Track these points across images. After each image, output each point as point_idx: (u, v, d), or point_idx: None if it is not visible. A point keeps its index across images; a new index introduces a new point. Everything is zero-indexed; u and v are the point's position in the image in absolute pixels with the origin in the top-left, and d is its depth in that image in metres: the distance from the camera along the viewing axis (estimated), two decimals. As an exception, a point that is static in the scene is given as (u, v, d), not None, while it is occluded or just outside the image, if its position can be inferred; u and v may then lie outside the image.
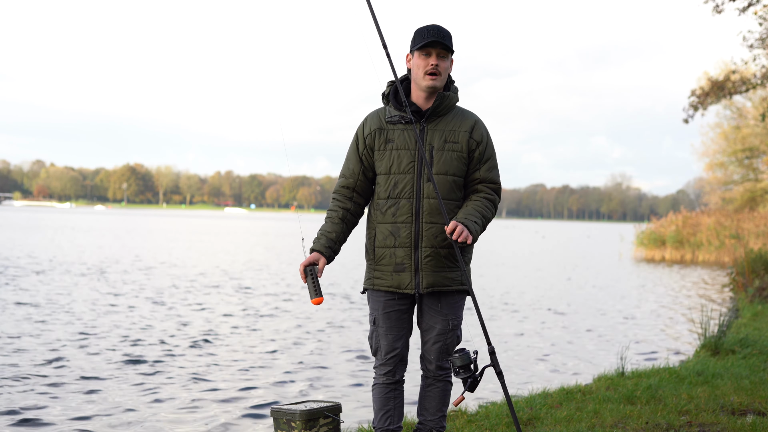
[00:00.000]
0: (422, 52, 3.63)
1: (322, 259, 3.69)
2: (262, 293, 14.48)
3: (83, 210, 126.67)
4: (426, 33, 3.62)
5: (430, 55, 3.62)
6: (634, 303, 14.67)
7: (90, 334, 9.15)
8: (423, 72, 3.63)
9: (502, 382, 3.50)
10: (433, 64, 3.61)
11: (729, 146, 41.40)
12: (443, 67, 3.64)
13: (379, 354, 3.82)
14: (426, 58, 3.63)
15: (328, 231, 3.74)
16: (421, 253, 3.67)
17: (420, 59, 3.64)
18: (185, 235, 41.97)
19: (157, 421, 5.63)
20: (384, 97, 3.78)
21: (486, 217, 3.70)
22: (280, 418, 4.09)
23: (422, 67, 3.63)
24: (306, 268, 3.64)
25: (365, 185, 3.80)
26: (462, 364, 3.51)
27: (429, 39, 3.59)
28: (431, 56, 3.62)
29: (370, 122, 3.77)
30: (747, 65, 20.01)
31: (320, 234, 3.74)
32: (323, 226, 3.75)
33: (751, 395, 5.62)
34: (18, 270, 17.07)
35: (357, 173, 3.77)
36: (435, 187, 3.60)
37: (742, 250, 15.66)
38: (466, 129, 3.71)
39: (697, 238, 29.14)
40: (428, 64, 3.62)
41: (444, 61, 3.64)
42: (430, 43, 3.59)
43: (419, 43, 3.61)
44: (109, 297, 12.91)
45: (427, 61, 3.62)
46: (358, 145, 3.77)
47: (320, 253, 3.70)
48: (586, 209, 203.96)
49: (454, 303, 3.78)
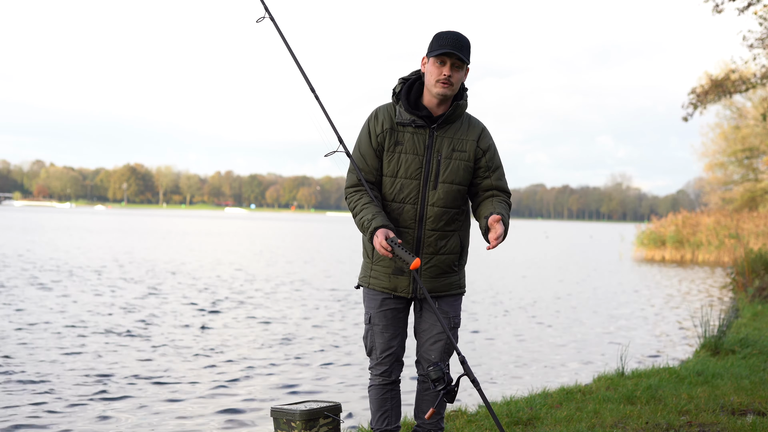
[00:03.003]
0: (437, 60, 3.54)
1: (389, 231, 3.51)
2: (263, 293, 14.48)
3: (83, 210, 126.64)
4: (443, 41, 3.52)
5: (445, 64, 3.53)
6: (634, 303, 14.67)
7: (89, 334, 9.16)
8: (435, 80, 3.55)
9: (479, 389, 3.48)
10: (446, 75, 3.53)
11: (729, 146, 41.43)
12: (456, 78, 3.55)
13: (374, 353, 3.79)
14: (440, 67, 3.54)
15: (378, 209, 3.58)
16: (421, 259, 3.65)
17: (434, 66, 3.56)
18: (196, 236, 41.95)
19: (156, 421, 5.64)
20: (395, 95, 3.69)
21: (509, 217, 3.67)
22: (280, 418, 4.09)
23: (435, 75, 3.55)
24: (388, 241, 3.47)
25: (380, 182, 3.70)
26: (436, 376, 3.50)
27: (445, 49, 3.50)
28: (445, 65, 3.53)
29: (382, 119, 3.66)
30: (747, 65, 20.03)
31: (373, 214, 3.55)
32: (368, 209, 3.57)
33: (751, 395, 5.62)
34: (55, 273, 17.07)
35: (376, 167, 3.67)
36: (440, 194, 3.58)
37: (742, 250, 15.66)
38: (473, 138, 3.67)
39: (697, 238, 29.14)
40: (441, 74, 3.54)
41: (458, 72, 3.56)
42: (445, 53, 3.52)
43: (435, 50, 3.52)
44: (109, 293, 12.91)
45: (441, 70, 3.54)
46: (371, 139, 3.66)
47: (385, 227, 3.52)
48: (586, 209, 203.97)
49: (453, 302, 3.78)
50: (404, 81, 3.69)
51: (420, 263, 3.45)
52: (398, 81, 3.70)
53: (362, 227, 3.60)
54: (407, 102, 3.63)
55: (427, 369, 3.56)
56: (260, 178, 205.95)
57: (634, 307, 13.92)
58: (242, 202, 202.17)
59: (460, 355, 3.55)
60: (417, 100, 3.65)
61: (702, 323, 8.27)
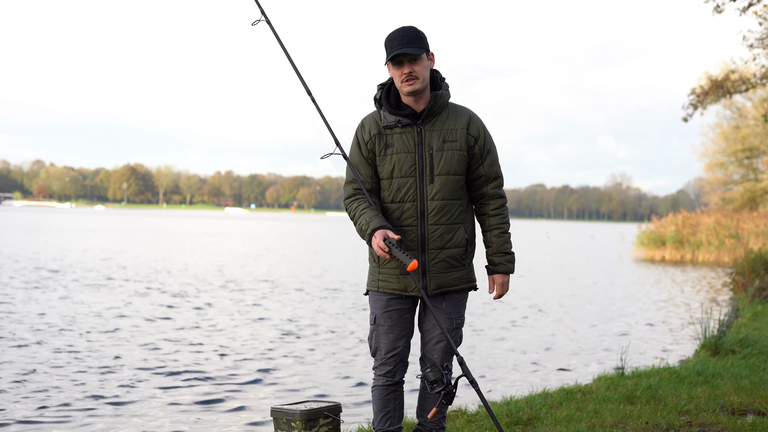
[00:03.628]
0: (394, 62, 3.64)
1: (388, 231, 3.55)
2: (263, 293, 14.49)
3: (83, 210, 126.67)
4: (392, 43, 3.61)
5: (402, 64, 3.62)
6: (634, 303, 14.67)
7: (83, 333, 9.17)
8: (399, 81, 3.64)
9: (477, 389, 3.50)
10: (406, 73, 3.61)
11: (729, 146, 41.41)
12: (418, 71, 3.62)
13: (379, 354, 3.80)
14: (399, 68, 3.63)
15: (375, 212, 3.62)
16: (428, 255, 3.68)
17: (394, 70, 3.66)
18: (197, 236, 41.95)
19: (155, 421, 5.64)
20: (376, 101, 3.77)
21: (507, 234, 3.83)
22: (280, 418, 4.09)
23: (398, 76, 3.64)
24: (385, 242, 3.50)
25: (378, 187, 3.75)
26: (435, 378, 3.52)
27: (394, 51, 3.58)
28: (403, 65, 3.62)
29: (369, 126, 3.74)
30: (747, 65, 20.03)
31: (370, 217, 3.60)
32: (366, 213, 3.62)
33: (751, 395, 5.62)
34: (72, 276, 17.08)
35: (371, 176, 3.73)
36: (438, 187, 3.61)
37: (742, 250, 15.66)
38: (462, 126, 3.71)
39: (697, 238, 29.13)
40: (402, 74, 3.62)
41: (418, 64, 3.62)
42: (395, 54, 3.59)
43: (388, 55, 3.63)
44: (107, 291, 12.92)
45: (401, 71, 3.62)
46: (361, 149, 3.74)
47: (383, 227, 3.56)
48: (586, 209, 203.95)
49: (458, 301, 3.79)
50: (382, 86, 3.77)
51: (417, 265, 3.46)
52: (377, 87, 3.78)
53: (361, 232, 3.64)
54: (389, 104, 3.71)
55: (425, 371, 3.57)
56: (260, 178, 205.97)
57: (634, 307, 13.92)
58: (242, 202, 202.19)
59: (458, 356, 3.56)
60: (398, 101, 3.72)
61: (702, 323, 8.27)
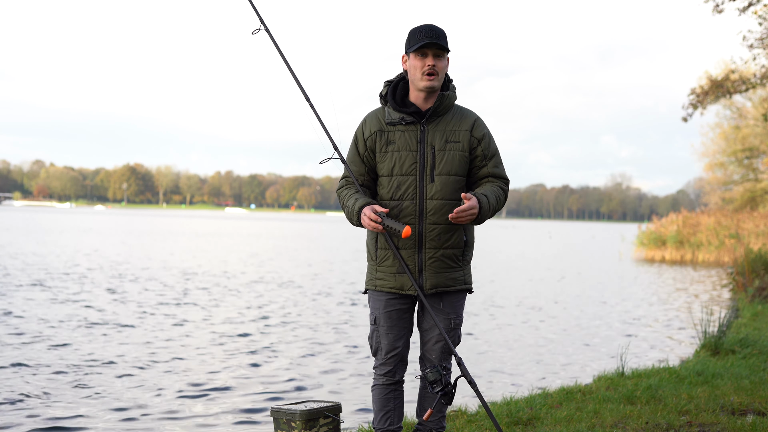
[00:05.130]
0: (418, 54, 3.63)
1: (375, 206, 3.58)
2: (263, 292, 14.49)
3: (83, 210, 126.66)
4: (421, 34, 3.62)
5: (426, 56, 3.62)
6: (634, 303, 14.67)
7: (83, 327, 9.17)
8: (420, 73, 3.63)
9: (476, 389, 3.51)
10: (430, 65, 3.61)
11: (729, 146, 41.40)
12: (440, 67, 3.64)
13: (380, 354, 3.81)
14: (422, 59, 3.62)
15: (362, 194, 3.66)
16: (424, 254, 3.68)
17: (416, 60, 3.63)
18: (198, 237, 41.94)
19: (155, 421, 5.64)
20: (382, 97, 3.77)
21: (499, 202, 3.71)
22: (280, 418, 4.09)
23: (419, 68, 3.63)
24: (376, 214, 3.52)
25: (371, 185, 3.79)
26: (434, 378, 3.53)
27: (424, 41, 3.59)
28: (427, 57, 3.62)
29: (369, 124, 3.75)
30: (747, 65, 20.02)
31: (356, 198, 3.64)
32: (353, 196, 3.66)
33: (751, 395, 5.62)
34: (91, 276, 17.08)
35: (363, 173, 3.76)
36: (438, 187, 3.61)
37: (742, 250, 15.66)
38: (466, 128, 3.72)
39: (697, 238, 29.13)
40: (425, 65, 3.62)
41: (440, 61, 3.64)
42: (426, 44, 3.59)
43: (414, 44, 3.61)
44: (106, 293, 12.93)
45: (424, 62, 3.62)
46: (359, 147, 3.75)
47: (370, 203, 3.60)
48: (586, 209, 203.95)
49: (456, 302, 3.79)
50: (389, 83, 3.78)
51: (411, 231, 3.47)
52: (383, 84, 3.79)
53: (350, 213, 3.66)
54: (394, 101, 3.71)
55: (425, 371, 3.58)
56: (260, 178, 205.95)
57: (634, 308, 13.92)
58: (242, 202, 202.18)
59: (456, 356, 3.56)
60: (404, 99, 3.73)
61: (702, 323, 8.27)
